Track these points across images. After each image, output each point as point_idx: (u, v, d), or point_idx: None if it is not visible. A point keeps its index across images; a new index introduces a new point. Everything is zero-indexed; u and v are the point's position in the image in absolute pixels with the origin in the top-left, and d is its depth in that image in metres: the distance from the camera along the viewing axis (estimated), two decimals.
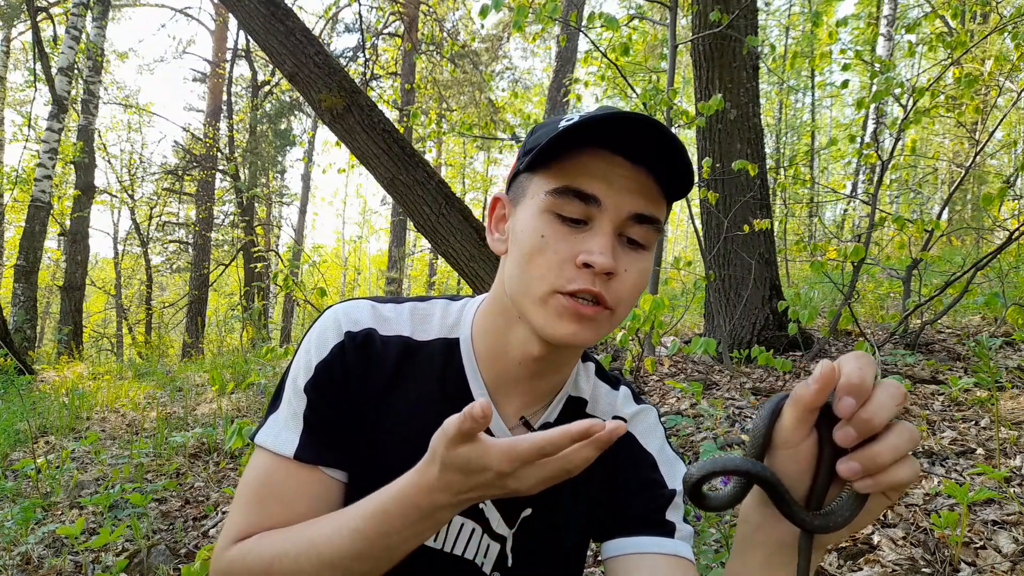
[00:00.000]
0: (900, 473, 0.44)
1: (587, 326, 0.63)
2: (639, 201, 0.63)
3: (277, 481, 0.68)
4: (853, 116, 13.77)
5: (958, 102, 4.22)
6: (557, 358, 0.71)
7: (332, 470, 0.69)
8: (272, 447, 0.69)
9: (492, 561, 0.76)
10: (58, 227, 10.74)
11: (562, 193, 0.63)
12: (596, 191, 0.62)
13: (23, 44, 12.98)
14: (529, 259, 0.64)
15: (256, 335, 7.63)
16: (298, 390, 0.70)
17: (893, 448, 0.43)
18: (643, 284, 0.67)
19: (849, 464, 0.44)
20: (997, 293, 3.22)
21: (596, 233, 0.62)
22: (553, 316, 0.63)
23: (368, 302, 0.76)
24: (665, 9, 3.93)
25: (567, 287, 0.62)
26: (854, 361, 0.44)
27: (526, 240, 0.65)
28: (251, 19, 3.55)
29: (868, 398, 0.43)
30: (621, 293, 0.64)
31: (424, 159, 3.59)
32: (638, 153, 0.62)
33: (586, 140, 0.62)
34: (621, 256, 0.64)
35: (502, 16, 12.55)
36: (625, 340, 2.76)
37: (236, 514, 0.68)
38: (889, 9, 9.68)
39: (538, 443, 0.50)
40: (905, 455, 0.44)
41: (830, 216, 12.22)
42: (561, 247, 0.63)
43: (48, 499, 2.52)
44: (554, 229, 0.63)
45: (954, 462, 2.14)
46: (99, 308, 16.25)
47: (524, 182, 0.68)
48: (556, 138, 0.61)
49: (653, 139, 0.61)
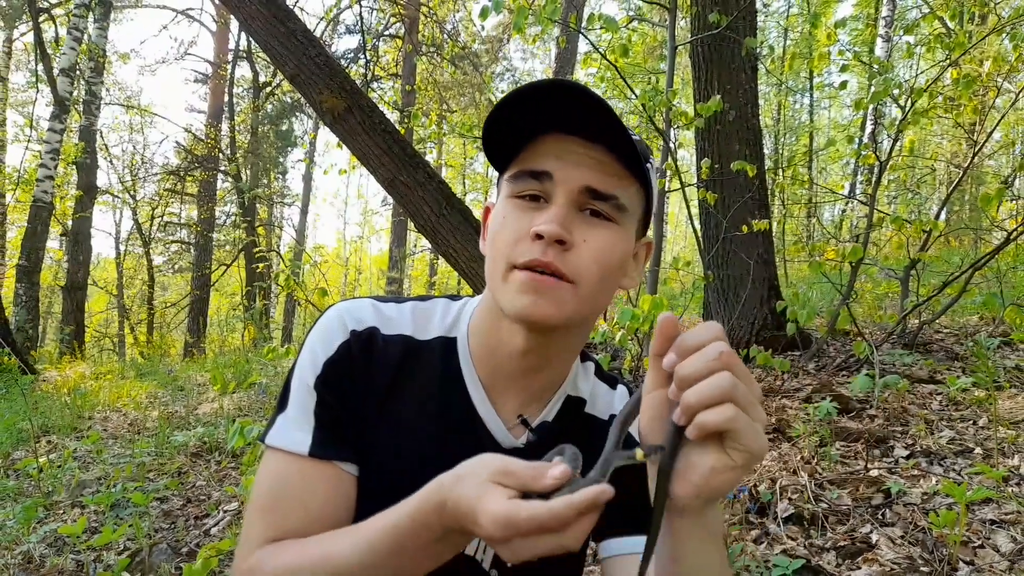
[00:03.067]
0: (707, 416, 0.49)
1: (545, 298, 0.63)
2: (592, 175, 0.64)
3: (292, 481, 0.68)
4: (851, 117, 13.77)
5: (956, 103, 4.23)
6: (544, 350, 0.71)
7: (346, 464, 0.70)
8: (284, 446, 0.69)
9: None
10: (60, 227, 10.75)
11: (518, 177, 0.66)
12: (547, 166, 0.64)
13: (25, 45, 13.00)
14: (492, 242, 0.67)
15: (258, 335, 7.65)
16: (307, 387, 0.70)
17: (698, 392, 0.49)
18: (609, 257, 0.65)
19: (673, 406, 0.52)
20: (995, 293, 3.23)
21: (550, 206, 0.64)
22: (512, 291, 0.64)
23: (370, 301, 0.76)
24: (664, 11, 3.95)
25: (519, 260, 0.63)
26: (695, 329, 0.52)
27: (492, 226, 0.68)
28: (252, 20, 3.56)
29: (689, 356, 0.50)
30: (580, 264, 0.64)
31: (425, 160, 3.60)
32: (590, 131, 0.64)
33: (537, 126, 0.65)
34: (578, 226, 0.64)
35: (502, 18, 12.56)
36: (624, 340, 2.77)
37: (254, 520, 0.67)
38: (887, 10, 9.70)
39: (542, 516, 0.45)
40: (718, 402, 0.49)
41: (828, 216, 12.22)
42: (518, 224, 0.65)
43: (50, 498, 2.53)
44: (513, 208, 0.66)
45: (952, 461, 2.15)
46: (101, 308, 16.25)
47: (500, 184, 0.71)
48: (489, 137, 0.66)
49: (586, 108, 0.61)
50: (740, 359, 0.51)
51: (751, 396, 0.50)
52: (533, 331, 0.67)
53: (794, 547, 1.77)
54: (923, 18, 5.14)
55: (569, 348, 0.75)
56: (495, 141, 0.67)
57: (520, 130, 0.65)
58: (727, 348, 0.50)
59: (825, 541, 1.78)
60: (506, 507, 0.47)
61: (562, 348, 0.74)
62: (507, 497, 0.47)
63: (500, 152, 0.68)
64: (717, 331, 0.51)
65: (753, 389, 0.51)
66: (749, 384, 0.50)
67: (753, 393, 0.50)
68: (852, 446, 2.33)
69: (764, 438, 0.50)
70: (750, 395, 0.50)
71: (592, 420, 0.80)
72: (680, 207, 14.25)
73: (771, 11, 13.90)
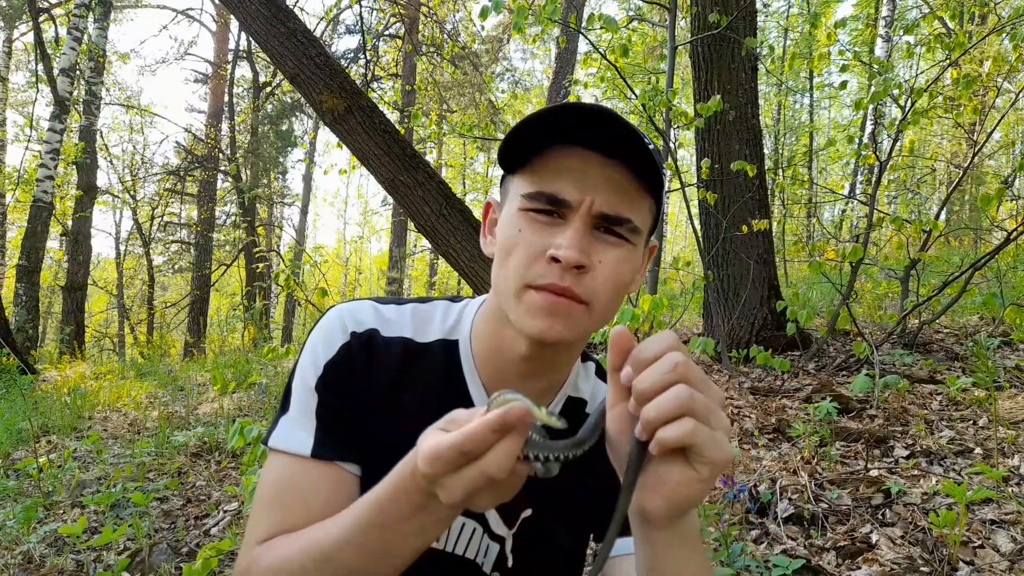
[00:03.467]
0: (666, 432, 0.48)
1: (560, 320, 0.63)
2: (610, 199, 0.63)
3: (295, 481, 0.68)
4: (851, 117, 13.76)
5: (956, 103, 4.23)
6: (548, 357, 0.71)
7: (348, 464, 0.70)
8: (287, 448, 0.69)
9: (492, 561, 0.77)
10: (60, 227, 10.76)
11: (534, 198, 0.64)
12: (566, 194, 0.62)
13: (25, 45, 13.01)
14: (506, 255, 0.66)
15: (258, 335, 7.66)
16: (309, 389, 0.71)
17: (656, 407, 0.48)
18: (623, 277, 0.65)
19: (635, 420, 0.51)
20: (995, 293, 3.23)
21: (567, 227, 0.63)
22: (526, 311, 0.64)
23: (370, 303, 0.76)
24: (664, 11, 3.95)
25: (536, 281, 0.63)
26: (649, 340, 0.50)
27: (504, 238, 0.66)
28: (253, 20, 3.56)
29: (644, 369, 0.49)
30: (595, 286, 0.63)
31: (425, 160, 3.60)
32: (611, 147, 0.62)
33: (556, 138, 0.63)
34: (595, 248, 0.63)
35: (502, 18, 12.56)
36: None
37: (256, 519, 0.68)
38: (887, 10, 9.69)
39: (457, 441, 0.47)
40: (676, 416, 0.48)
41: (828, 217, 12.22)
42: (534, 241, 0.63)
43: (50, 498, 2.53)
44: (529, 223, 0.64)
45: (952, 461, 2.15)
46: (101, 308, 16.26)
47: (507, 184, 0.70)
48: (512, 138, 0.63)
49: (615, 128, 0.61)
50: (696, 367, 0.50)
51: (711, 405, 0.49)
52: (531, 339, 0.67)
53: (794, 547, 1.77)
54: (923, 18, 5.14)
55: (571, 353, 0.76)
56: (509, 141, 0.65)
57: (537, 137, 0.63)
58: (682, 358, 0.49)
59: (825, 541, 1.78)
60: (433, 440, 0.48)
61: (564, 353, 0.74)
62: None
63: (513, 153, 0.66)
64: (671, 341, 0.50)
65: (712, 395, 0.50)
66: (708, 391, 0.49)
67: (713, 400, 0.50)
68: (852, 446, 2.34)
69: (727, 447, 0.49)
70: (709, 404, 0.49)
71: None
72: (680, 207, 14.27)
73: (771, 11, 13.90)
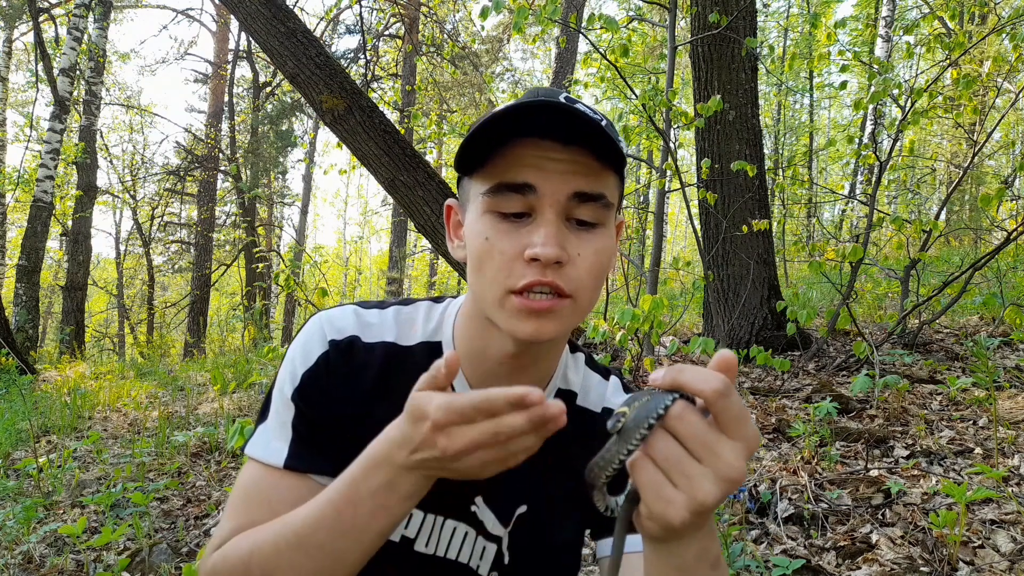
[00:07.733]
0: (665, 511, 0.48)
1: (548, 320, 0.62)
2: (576, 180, 0.61)
3: (265, 489, 0.68)
4: (851, 117, 13.77)
5: (956, 103, 4.23)
6: (534, 353, 0.71)
7: (321, 476, 0.69)
8: (261, 458, 0.69)
9: (489, 562, 0.77)
10: (60, 227, 10.76)
11: (496, 191, 0.62)
12: (529, 178, 0.61)
13: (25, 45, 13.02)
14: (479, 265, 0.64)
15: (258, 335, 7.66)
16: (286, 399, 0.71)
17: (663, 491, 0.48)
18: (603, 264, 0.64)
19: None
20: (995, 293, 3.24)
21: (539, 224, 0.61)
22: (512, 317, 0.63)
23: (352, 308, 0.76)
24: (664, 11, 3.95)
25: (517, 285, 0.61)
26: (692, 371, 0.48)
27: (474, 246, 0.65)
28: (253, 20, 3.56)
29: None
30: (578, 278, 0.62)
31: (425, 160, 3.61)
32: (568, 133, 0.60)
33: (510, 133, 0.61)
34: (571, 240, 0.62)
35: (502, 18, 12.56)
36: (624, 340, 2.77)
37: (223, 521, 0.69)
38: (887, 10, 9.69)
39: (476, 398, 0.48)
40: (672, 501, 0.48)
41: (828, 217, 12.22)
42: (506, 246, 0.62)
43: (50, 498, 2.53)
44: (497, 228, 0.63)
45: (952, 461, 2.15)
46: (101, 308, 16.27)
47: (465, 186, 0.68)
48: (468, 143, 0.62)
49: (567, 115, 0.59)
50: (729, 400, 0.47)
51: (681, 455, 0.48)
52: (523, 342, 0.66)
53: (794, 547, 1.77)
54: (923, 18, 5.14)
55: (557, 345, 0.75)
56: (465, 147, 0.63)
57: (490, 136, 0.61)
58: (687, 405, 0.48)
59: (825, 541, 1.78)
60: (449, 394, 0.51)
61: (551, 346, 0.73)
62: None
63: (468, 159, 0.65)
64: (712, 375, 0.48)
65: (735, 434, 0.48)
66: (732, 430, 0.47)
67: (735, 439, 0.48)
68: (852, 446, 2.34)
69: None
70: (680, 454, 0.48)
71: (585, 413, 0.79)
72: (680, 207, 14.27)
73: (771, 11, 13.90)
